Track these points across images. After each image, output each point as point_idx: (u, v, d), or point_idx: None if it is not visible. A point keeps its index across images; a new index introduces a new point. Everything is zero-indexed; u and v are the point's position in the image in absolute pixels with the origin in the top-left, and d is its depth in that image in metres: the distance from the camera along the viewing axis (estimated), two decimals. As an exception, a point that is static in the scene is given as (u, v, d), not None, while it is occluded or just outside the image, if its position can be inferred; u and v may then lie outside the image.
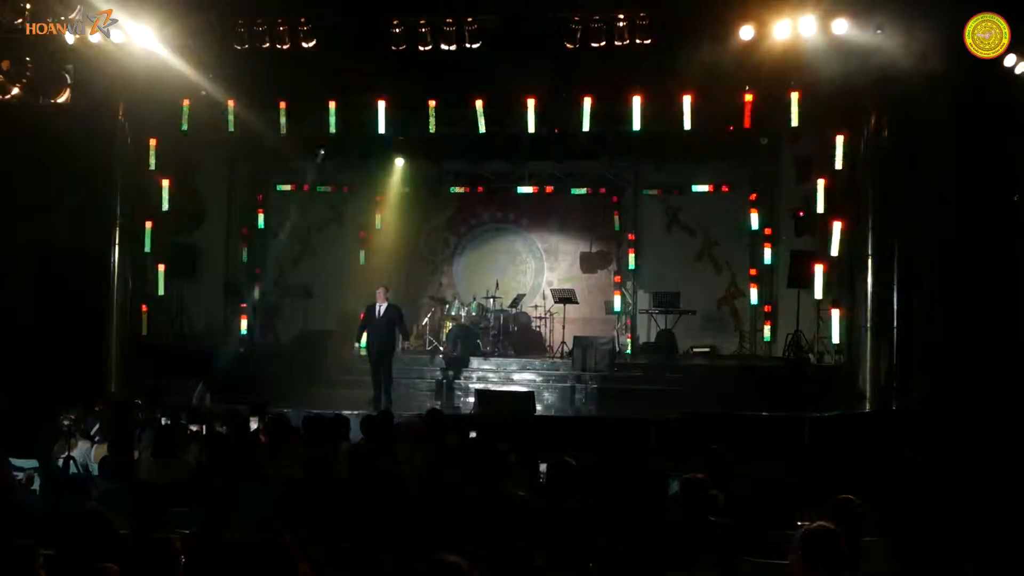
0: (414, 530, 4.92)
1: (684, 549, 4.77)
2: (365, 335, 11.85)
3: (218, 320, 14.66)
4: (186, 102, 11.98)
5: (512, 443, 6.27)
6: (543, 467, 6.06)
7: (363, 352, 12.07)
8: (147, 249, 12.96)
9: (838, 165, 11.84)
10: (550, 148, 14.19)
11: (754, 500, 5.60)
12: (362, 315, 12.01)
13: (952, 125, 9.64)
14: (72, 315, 10.88)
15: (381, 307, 11.75)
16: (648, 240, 15.59)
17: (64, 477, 6.23)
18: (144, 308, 12.91)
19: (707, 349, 14.72)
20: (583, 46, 10.16)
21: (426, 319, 14.89)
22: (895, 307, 10.45)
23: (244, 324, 14.63)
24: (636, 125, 11.95)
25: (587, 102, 11.97)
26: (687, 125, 11.81)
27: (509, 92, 12.07)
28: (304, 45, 10.41)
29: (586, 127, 12.09)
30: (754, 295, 14.94)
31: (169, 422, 8.15)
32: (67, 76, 8.52)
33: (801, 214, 13.28)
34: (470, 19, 10.23)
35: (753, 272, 15.00)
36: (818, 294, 12.80)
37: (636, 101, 11.81)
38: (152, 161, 12.90)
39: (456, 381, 12.86)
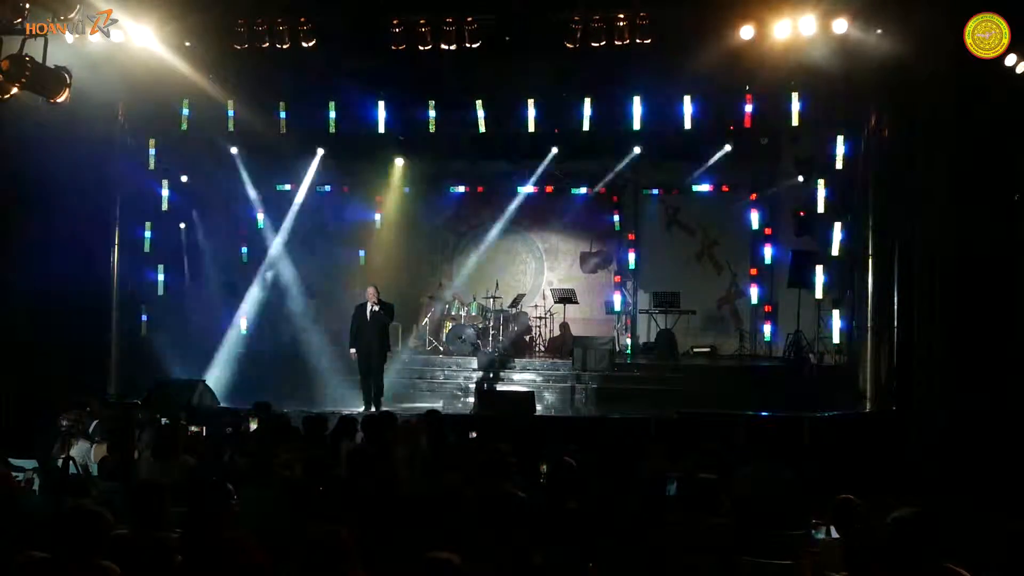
0: (414, 530, 4.92)
1: (684, 549, 4.77)
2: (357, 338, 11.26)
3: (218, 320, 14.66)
4: (186, 102, 12.00)
5: (512, 443, 6.27)
6: (543, 467, 6.05)
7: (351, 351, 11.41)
8: (147, 249, 12.96)
9: (838, 165, 11.85)
10: (550, 148, 14.18)
11: (754, 500, 5.60)
12: (352, 318, 11.43)
13: (952, 125, 9.63)
14: (72, 315, 10.87)
15: (373, 308, 11.22)
16: (648, 240, 15.59)
17: (64, 477, 6.22)
18: (144, 308, 12.93)
19: (707, 349, 14.72)
20: (583, 46, 10.16)
21: (426, 319, 14.89)
22: (895, 307, 10.44)
23: (244, 324, 14.63)
24: (636, 125, 11.96)
25: (587, 102, 11.97)
26: (687, 125, 11.83)
27: (509, 92, 12.07)
28: (304, 45, 10.40)
29: (586, 127, 12.10)
30: (754, 295, 14.94)
31: (169, 422, 8.14)
32: (67, 76, 8.48)
33: (802, 214, 13.29)
34: (470, 19, 10.23)
35: (753, 272, 15.01)
36: (818, 294, 12.81)
37: (636, 101, 11.82)
38: (152, 161, 12.91)
39: (490, 383, 12.50)
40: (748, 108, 11.84)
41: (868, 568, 3.81)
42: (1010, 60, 8.77)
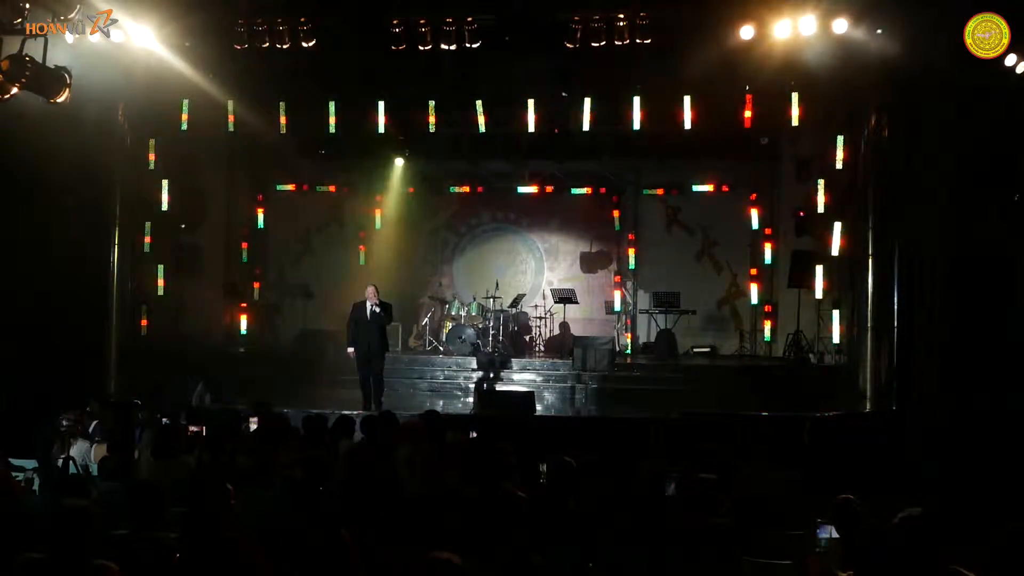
0: (414, 530, 4.91)
1: (684, 549, 4.76)
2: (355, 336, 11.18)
3: (218, 320, 14.67)
4: (186, 102, 12.00)
5: (512, 443, 6.26)
6: (543, 467, 6.05)
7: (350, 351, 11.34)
8: (147, 249, 12.96)
9: (838, 165, 11.85)
10: (550, 148, 14.18)
11: (754, 500, 5.59)
12: (350, 316, 11.36)
13: (952, 125, 9.63)
14: (72, 315, 10.87)
15: (373, 308, 11.13)
16: (648, 240, 15.60)
17: (64, 477, 6.22)
18: (144, 308, 12.93)
19: (707, 349, 14.72)
20: (583, 46, 10.16)
21: (426, 319, 14.90)
22: (895, 307, 10.43)
23: (244, 324, 14.62)
24: (636, 125, 11.96)
25: (587, 102, 11.97)
26: (687, 125, 11.83)
27: (509, 92, 12.07)
28: (304, 45, 10.41)
29: (586, 127, 12.09)
30: (754, 295, 14.94)
31: (169, 422, 8.14)
32: (67, 76, 8.49)
33: (802, 214, 13.29)
34: (470, 19, 10.24)
35: (753, 272, 15.01)
36: (818, 294, 12.81)
37: (636, 101, 11.82)
38: (152, 161, 12.91)
39: (493, 383, 12.51)
40: (748, 108, 11.83)
41: (872, 568, 3.81)
42: (1010, 60, 8.77)
